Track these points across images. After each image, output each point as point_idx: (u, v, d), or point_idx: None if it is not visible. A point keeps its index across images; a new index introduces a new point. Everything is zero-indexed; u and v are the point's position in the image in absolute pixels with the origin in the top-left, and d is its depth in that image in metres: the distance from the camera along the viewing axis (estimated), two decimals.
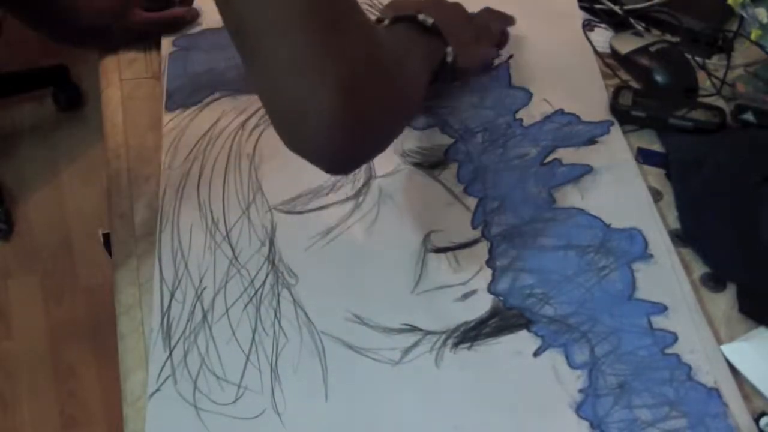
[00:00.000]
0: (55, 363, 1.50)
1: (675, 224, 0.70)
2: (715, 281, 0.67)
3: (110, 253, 0.72)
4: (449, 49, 0.69)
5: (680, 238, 0.69)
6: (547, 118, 0.77)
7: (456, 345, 0.62)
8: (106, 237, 0.74)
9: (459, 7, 0.77)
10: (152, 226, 0.70)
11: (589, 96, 0.79)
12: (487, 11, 0.81)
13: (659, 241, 0.68)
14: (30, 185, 1.75)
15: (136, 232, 0.71)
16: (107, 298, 0.69)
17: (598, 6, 0.87)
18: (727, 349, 0.62)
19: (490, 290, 0.65)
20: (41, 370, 0.91)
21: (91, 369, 1.50)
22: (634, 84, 0.81)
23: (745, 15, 0.84)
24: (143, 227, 0.71)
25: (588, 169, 0.73)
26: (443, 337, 0.62)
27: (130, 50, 0.84)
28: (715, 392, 0.59)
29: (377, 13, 0.81)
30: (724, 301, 0.66)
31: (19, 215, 1.72)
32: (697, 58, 0.82)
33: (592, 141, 0.76)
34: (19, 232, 1.64)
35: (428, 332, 0.62)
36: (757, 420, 0.59)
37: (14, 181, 1.77)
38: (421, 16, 0.68)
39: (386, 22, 0.69)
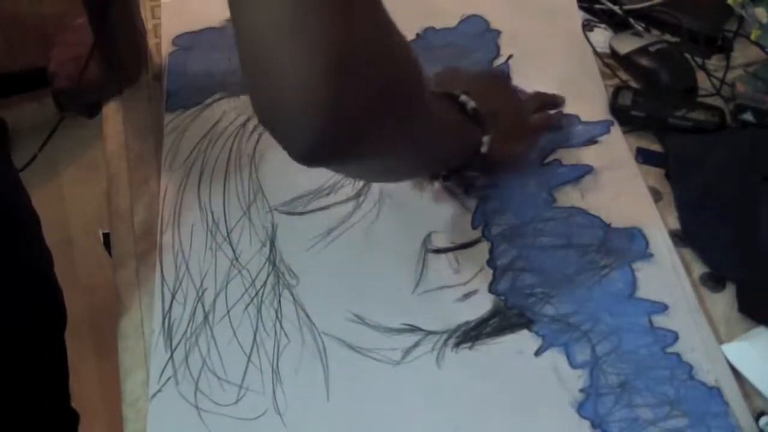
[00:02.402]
0: None
1: (675, 224, 0.70)
2: (714, 281, 0.67)
3: (110, 253, 0.72)
4: (485, 139, 0.63)
5: (680, 238, 0.69)
6: None
7: (457, 345, 0.62)
8: (106, 237, 0.74)
9: (511, 93, 0.72)
10: (152, 226, 0.70)
11: (588, 96, 0.80)
12: (537, 97, 0.75)
13: (659, 240, 0.68)
14: (30, 185, 1.75)
15: (136, 232, 0.71)
16: (107, 298, 0.70)
17: (597, 6, 0.87)
18: (726, 348, 0.62)
19: (490, 290, 0.65)
20: None
21: (91, 369, 1.50)
22: (633, 84, 0.81)
23: (744, 15, 0.84)
24: (143, 227, 0.71)
25: (588, 169, 0.73)
26: (444, 337, 0.62)
27: None
28: (716, 391, 0.59)
29: None
30: (724, 301, 0.66)
31: None
32: (697, 58, 0.82)
33: (592, 141, 0.76)
34: None
35: (429, 332, 0.63)
36: (756, 419, 0.59)
37: None
38: (463, 97, 0.62)
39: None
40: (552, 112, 0.75)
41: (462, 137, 0.62)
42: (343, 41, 0.40)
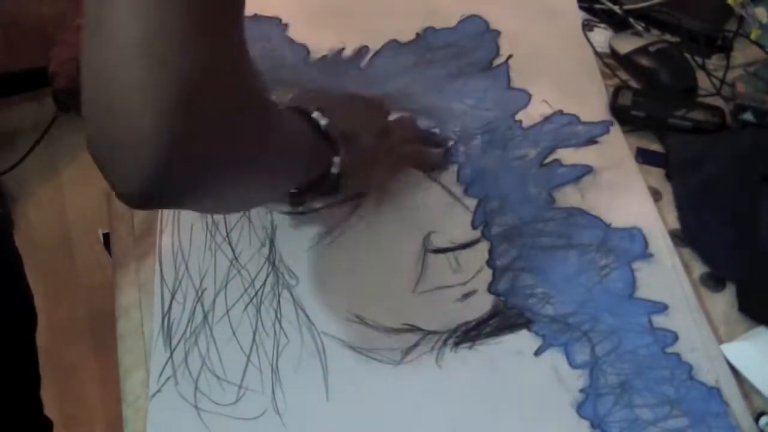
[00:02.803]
0: (54, 362, 1.49)
1: (675, 224, 0.70)
2: (714, 281, 0.67)
3: (110, 253, 0.72)
4: (336, 160, 0.60)
5: (680, 238, 0.69)
6: (547, 119, 0.77)
7: (457, 345, 0.62)
8: (106, 237, 0.74)
9: (378, 118, 0.68)
10: (152, 226, 0.70)
11: (588, 96, 0.79)
12: (414, 128, 0.72)
13: (659, 240, 0.68)
14: (30, 185, 1.75)
15: (136, 232, 0.71)
16: (107, 298, 0.70)
17: (597, 6, 0.87)
18: (726, 348, 0.62)
19: (490, 290, 0.65)
20: (41, 369, 0.91)
21: (91, 369, 1.50)
22: (633, 84, 0.81)
23: (744, 15, 0.84)
24: (143, 227, 0.71)
25: (588, 170, 0.73)
26: (444, 336, 0.62)
27: None
28: (716, 391, 0.59)
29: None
30: (724, 301, 0.66)
31: (19, 215, 1.72)
32: (697, 58, 0.82)
33: (592, 141, 0.76)
34: (19, 232, 1.64)
35: (429, 332, 0.63)
36: (756, 419, 0.59)
37: (14, 181, 1.77)
38: (315, 114, 0.59)
39: (281, 108, 0.59)
40: (435, 150, 0.72)
41: (309, 156, 0.58)
42: (194, 71, 0.38)
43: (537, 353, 0.62)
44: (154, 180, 0.39)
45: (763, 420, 0.58)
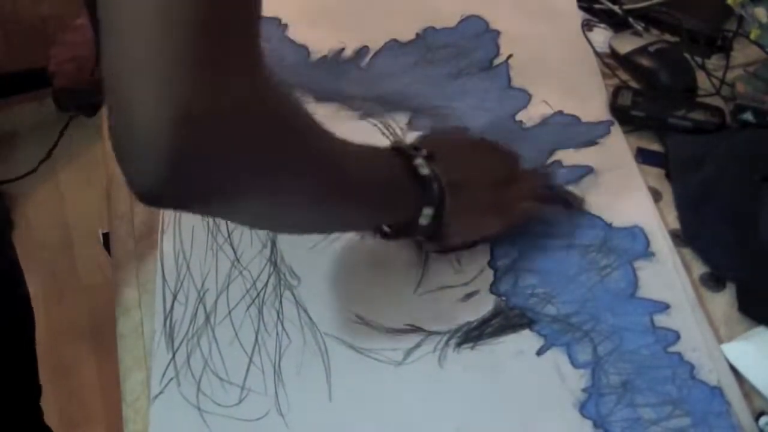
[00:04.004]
0: (54, 363, 1.50)
1: (675, 224, 0.70)
2: (714, 281, 0.67)
3: (110, 253, 0.72)
4: (427, 210, 0.57)
5: (680, 238, 0.69)
6: (547, 119, 0.78)
7: (459, 345, 0.62)
8: (106, 237, 0.74)
9: (496, 166, 0.64)
10: (152, 226, 0.70)
11: (588, 96, 0.80)
12: (543, 181, 0.68)
13: (660, 239, 0.68)
14: (30, 186, 1.75)
15: (136, 232, 0.71)
16: (107, 298, 0.70)
17: (597, 6, 0.87)
18: (726, 348, 0.62)
19: (492, 290, 0.65)
20: (41, 369, 0.91)
21: (91, 369, 1.50)
22: (633, 84, 0.81)
23: (744, 15, 0.84)
24: (143, 227, 0.71)
25: (589, 170, 0.73)
26: (446, 337, 0.62)
27: None
28: (717, 391, 0.59)
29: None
30: (724, 301, 0.66)
31: (19, 215, 1.72)
32: (697, 58, 0.82)
33: (592, 142, 0.76)
34: (19, 232, 1.64)
35: (431, 332, 0.63)
36: (756, 419, 0.59)
37: (14, 181, 1.77)
38: (418, 161, 0.57)
39: (386, 145, 0.59)
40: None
41: (386, 199, 0.56)
42: (208, 90, 0.39)
43: (539, 353, 0.62)
44: (161, 184, 0.40)
45: (763, 420, 0.59)
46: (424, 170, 0.57)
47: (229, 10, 0.39)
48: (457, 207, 0.58)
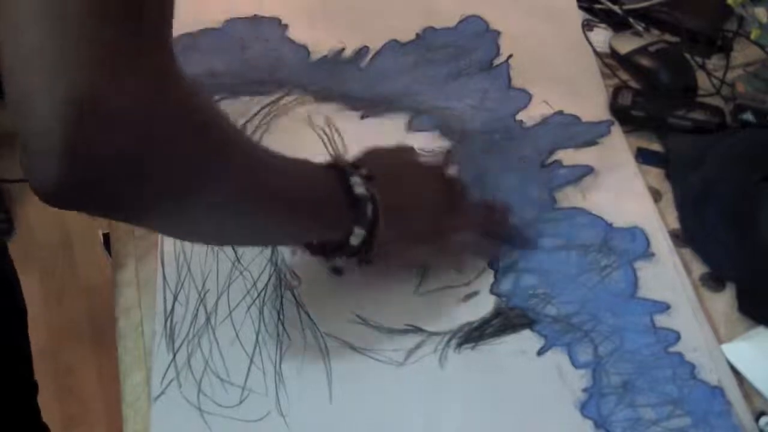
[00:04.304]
0: (54, 363, 1.50)
1: (675, 224, 0.70)
2: (714, 281, 0.67)
3: (110, 253, 0.72)
4: (358, 231, 0.55)
5: (680, 238, 0.69)
6: (547, 119, 0.78)
7: (459, 345, 0.62)
8: (106, 237, 0.74)
9: (445, 195, 0.63)
10: None
11: (588, 96, 0.80)
12: (487, 214, 0.66)
13: (661, 239, 0.68)
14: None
15: (136, 232, 0.71)
16: (107, 298, 0.70)
17: (597, 6, 0.87)
18: (726, 348, 0.62)
19: (492, 291, 0.65)
20: (41, 369, 0.91)
21: (91, 369, 1.50)
22: (633, 84, 0.81)
23: (744, 15, 0.84)
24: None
25: (589, 170, 0.73)
26: (447, 337, 0.62)
27: None
28: (718, 391, 0.59)
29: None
30: (724, 301, 0.66)
31: (19, 215, 1.72)
32: (697, 58, 0.82)
33: (592, 142, 0.76)
34: (19, 232, 1.63)
35: (432, 333, 0.63)
36: (756, 419, 0.59)
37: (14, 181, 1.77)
38: (353, 179, 0.55)
39: (324, 161, 0.57)
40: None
41: (324, 218, 0.55)
42: (93, 85, 0.37)
43: (540, 353, 0.62)
44: (63, 176, 0.38)
45: (763, 420, 0.59)
46: (359, 189, 0.55)
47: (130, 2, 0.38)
48: (391, 232, 0.56)
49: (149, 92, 0.39)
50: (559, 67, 0.82)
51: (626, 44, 0.83)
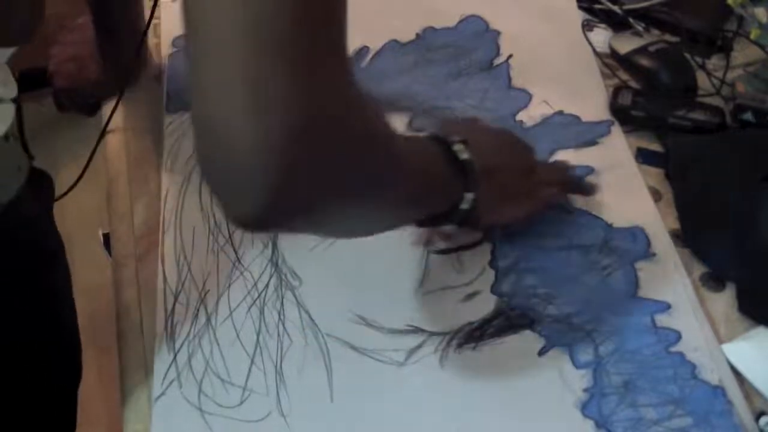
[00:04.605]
0: None
1: (675, 224, 0.70)
2: (714, 281, 0.67)
3: (110, 253, 0.72)
4: (468, 196, 0.57)
5: (680, 238, 0.69)
6: (548, 119, 0.78)
7: (460, 345, 0.62)
8: (106, 237, 0.74)
9: (523, 155, 0.66)
10: (152, 226, 0.70)
11: (588, 96, 0.80)
12: (560, 172, 0.70)
13: (661, 239, 0.69)
14: None
15: (136, 232, 0.71)
16: (107, 298, 0.70)
17: (597, 6, 0.87)
18: (726, 348, 0.62)
19: (493, 291, 0.65)
20: None
21: (91, 369, 1.49)
22: (633, 84, 0.81)
23: (744, 15, 0.84)
24: (143, 227, 0.71)
25: (589, 170, 0.73)
26: (447, 337, 0.62)
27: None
28: (720, 390, 0.59)
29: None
30: (724, 301, 0.66)
31: None
32: (697, 58, 0.82)
33: (592, 142, 0.76)
34: None
35: (432, 333, 0.63)
36: (756, 419, 0.59)
37: None
38: (457, 146, 0.57)
39: (422, 134, 0.60)
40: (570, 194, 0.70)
41: (441, 188, 0.57)
42: (304, 105, 0.37)
43: (540, 353, 0.62)
44: (265, 209, 0.38)
45: (763, 420, 0.59)
46: (464, 155, 0.57)
47: (317, 22, 0.37)
48: (490, 192, 0.59)
49: (345, 110, 0.39)
50: (559, 67, 0.82)
51: (626, 44, 0.83)
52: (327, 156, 0.39)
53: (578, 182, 0.71)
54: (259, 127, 0.36)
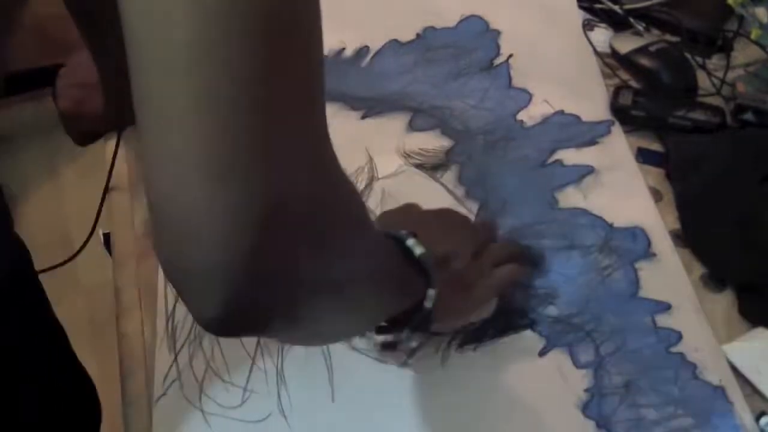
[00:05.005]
0: None
1: (675, 224, 0.70)
2: (715, 281, 0.67)
3: (110, 253, 0.72)
4: (431, 292, 0.52)
5: (680, 238, 0.69)
6: (548, 119, 0.78)
7: (461, 346, 0.62)
8: (107, 237, 0.74)
9: (471, 236, 0.61)
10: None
11: (589, 96, 0.80)
12: (505, 247, 0.65)
13: (661, 239, 0.69)
14: (30, 185, 1.75)
15: (136, 232, 0.71)
16: (107, 298, 0.70)
17: (597, 6, 0.87)
18: (727, 348, 0.62)
19: None
20: None
21: (91, 369, 1.50)
22: (633, 84, 0.81)
23: (744, 14, 0.84)
24: (143, 227, 0.71)
25: (590, 170, 0.73)
26: (448, 338, 0.62)
27: None
28: (720, 390, 0.60)
29: None
30: (724, 301, 0.66)
31: (19, 215, 1.72)
32: (697, 58, 0.82)
33: (593, 141, 0.76)
34: (19, 231, 1.63)
35: (433, 333, 0.63)
36: (757, 419, 0.59)
37: (14, 181, 1.77)
38: (410, 242, 0.52)
39: None
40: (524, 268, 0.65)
41: (400, 286, 0.51)
42: (278, 192, 0.32)
43: (541, 354, 0.62)
44: (229, 312, 0.34)
45: (763, 420, 0.59)
46: (419, 250, 0.52)
47: (287, 86, 0.32)
48: (447, 285, 0.53)
49: (329, 188, 0.35)
50: (560, 67, 0.82)
51: (626, 44, 0.83)
52: (303, 247, 0.34)
53: (528, 252, 0.66)
54: (220, 212, 0.31)
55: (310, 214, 0.34)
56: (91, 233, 0.73)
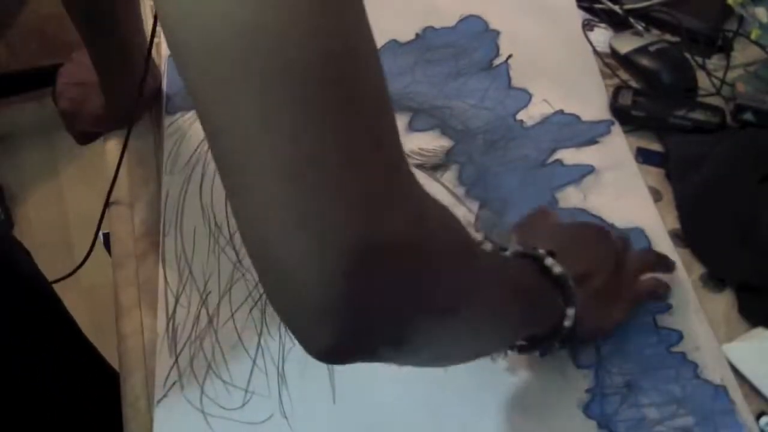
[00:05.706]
0: None
1: (675, 224, 0.70)
2: (715, 281, 0.67)
3: (110, 253, 0.72)
4: (570, 312, 0.54)
5: (680, 238, 0.69)
6: (548, 118, 0.78)
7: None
8: (106, 237, 0.74)
9: (609, 251, 0.60)
10: (152, 226, 0.70)
11: (588, 96, 0.80)
12: (644, 257, 0.65)
13: (662, 239, 0.69)
14: (30, 185, 1.75)
15: (136, 232, 0.71)
16: (107, 298, 0.70)
17: (597, 5, 0.87)
18: (727, 348, 0.62)
19: None
20: None
21: None
22: (633, 84, 0.81)
23: (744, 14, 0.84)
24: (143, 227, 0.71)
25: (590, 170, 0.73)
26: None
27: None
28: (722, 389, 0.60)
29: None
30: (724, 301, 0.66)
31: (19, 215, 1.72)
32: (697, 58, 0.82)
33: (593, 141, 0.76)
34: (19, 231, 1.63)
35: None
36: (757, 419, 0.59)
37: (14, 181, 1.76)
38: (548, 261, 0.53)
39: (507, 253, 0.56)
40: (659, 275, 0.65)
41: (539, 306, 0.53)
42: (365, 235, 0.33)
43: (542, 354, 0.62)
44: (339, 344, 0.36)
45: (763, 420, 0.59)
46: (558, 269, 0.53)
47: (370, 146, 0.34)
48: (587, 303, 0.55)
49: (416, 223, 0.36)
50: (559, 66, 0.82)
51: (626, 44, 0.83)
52: (400, 284, 0.35)
53: (662, 259, 0.66)
54: (320, 267, 0.33)
55: (402, 252, 0.35)
56: (93, 242, 0.73)
